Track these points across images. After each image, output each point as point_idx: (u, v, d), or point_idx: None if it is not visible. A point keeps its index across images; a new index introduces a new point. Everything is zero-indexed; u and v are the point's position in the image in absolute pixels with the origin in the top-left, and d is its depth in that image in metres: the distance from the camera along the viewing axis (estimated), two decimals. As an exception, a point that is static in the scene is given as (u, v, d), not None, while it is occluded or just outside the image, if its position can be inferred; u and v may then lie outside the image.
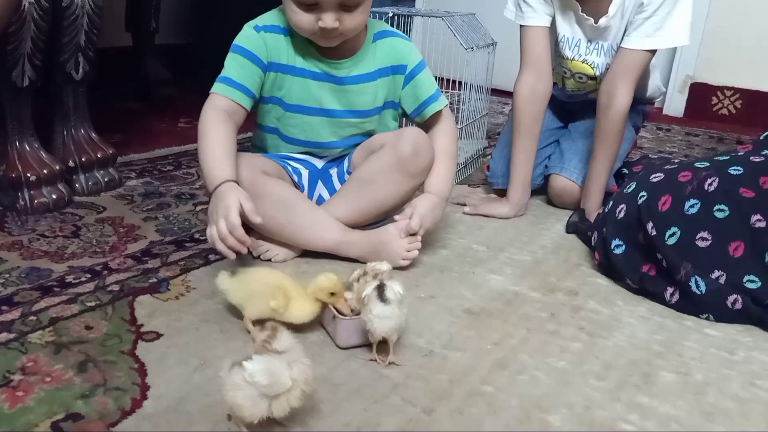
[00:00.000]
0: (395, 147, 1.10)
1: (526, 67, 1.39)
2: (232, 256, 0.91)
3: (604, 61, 1.40)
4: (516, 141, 1.40)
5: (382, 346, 0.85)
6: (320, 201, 1.19)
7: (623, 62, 1.33)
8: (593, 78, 1.44)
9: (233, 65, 1.08)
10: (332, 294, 0.87)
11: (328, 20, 1.01)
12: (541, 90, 1.38)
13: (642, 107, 1.59)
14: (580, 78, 1.46)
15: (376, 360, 0.84)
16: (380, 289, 0.84)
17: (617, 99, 1.32)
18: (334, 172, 1.21)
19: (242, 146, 1.78)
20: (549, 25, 1.38)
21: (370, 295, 0.83)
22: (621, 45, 1.34)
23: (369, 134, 1.20)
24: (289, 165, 1.17)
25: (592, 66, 1.42)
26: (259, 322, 0.83)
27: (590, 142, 1.42)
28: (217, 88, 1.07)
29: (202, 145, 1.02)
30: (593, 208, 1.37)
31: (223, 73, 1.08)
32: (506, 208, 1.41)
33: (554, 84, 1.48)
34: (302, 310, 0.88)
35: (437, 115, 1.19)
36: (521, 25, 1.39)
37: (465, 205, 1.43)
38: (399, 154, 1.10)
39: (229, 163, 1.00)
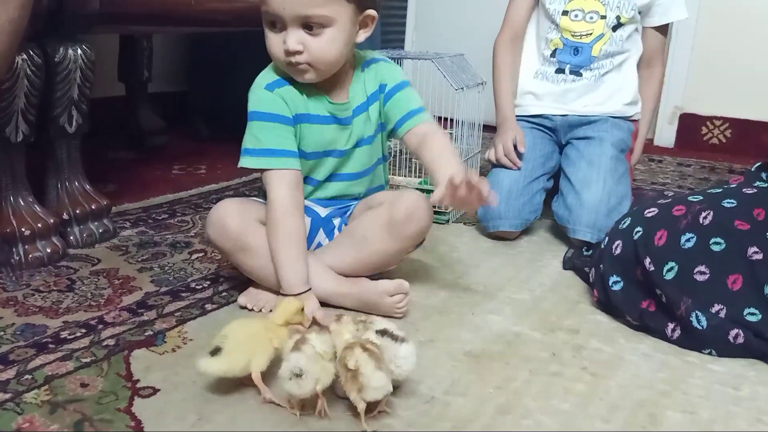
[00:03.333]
0: (390, 209, 1.09)
1: (506, 29, 1.63)
2: None
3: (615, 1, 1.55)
4: (500, 82, 1.62)
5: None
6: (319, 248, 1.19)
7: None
8: (603, 17, 1.55)
9: (268, 135, 1.06)
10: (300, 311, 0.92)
11: (290, 41, 1.00)
12: (518, 44, 1.64)
13: (628, 125, 1.62)
14: (591, 18, 1.54)
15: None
16: (385, 332, 0.83)
17: None
18: (337, 221, 1.19)
19: (252, 184, 1.79)
20: None
21: (382, 343, 0.82)
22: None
23: (376, 162, 1.20)
24: None
25: (603, 3, 1.54)
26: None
27: (594, 190, 1.43)
28: (266, 163, 1.06)
29: (275, 242, 1.05)
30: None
31: (260, 145, 1.06)
32: (512, 129, 1.57)
33: (551, 55, 1.58)
34: (283, 340, 0.87)
35: (425, 126, 1.13)
36: None
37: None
38: (393, 216, 1.08)
39: (305, 265, 1.06)
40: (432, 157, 1.09)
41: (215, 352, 0.83)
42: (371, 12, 1.06)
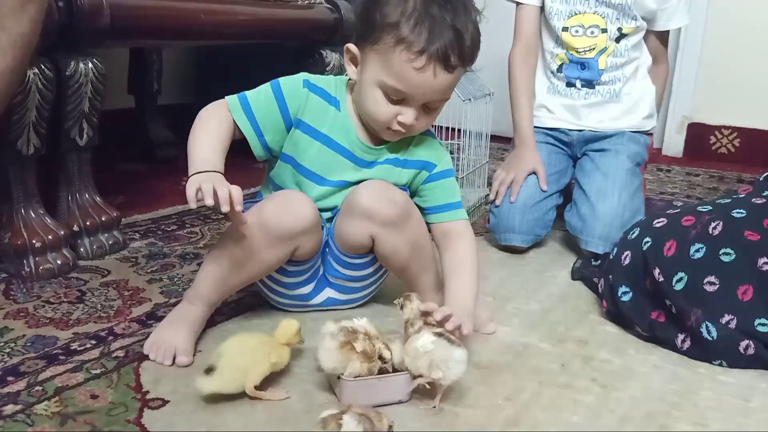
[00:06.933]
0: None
1: (518, 41, 1.60)
2: (225, 207, 0.88)
3: (613, 12, 1.54)
4: (518, 97, 1.58)
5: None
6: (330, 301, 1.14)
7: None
8: (604, 30, 1.54)
9: (265, 103, 1.03)
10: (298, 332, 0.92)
11: (409, 116, 0.98)
12: (533, 55, 1.61)
13: (644, 138, 1.62)
14: (592, 32, 1.54)
15: (436, 407, 0.86)
16: (441, 334, 0.86)
17: None
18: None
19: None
20: (540, 4, 1.59)
21: (437, 344, 0.84)
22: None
23: None
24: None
25: (603, 16, 1.54)
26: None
27: (608, 203, 1.43)
28: (233, 107, 1.02)
29: (198, 133, 0.98)
30: None
31: (249, 98, 1.03)
32: (531, 159, 1.53)
33: (558, 70, 1.59)
34: (283, 357, 0.90)
35: (456, 226, 1.08)
36: (517, 4, 1.60)
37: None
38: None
39: (221, 156, 0.97)
40: (450, 265, 1.05)
41: (209, 370, 0.84)
42: None
